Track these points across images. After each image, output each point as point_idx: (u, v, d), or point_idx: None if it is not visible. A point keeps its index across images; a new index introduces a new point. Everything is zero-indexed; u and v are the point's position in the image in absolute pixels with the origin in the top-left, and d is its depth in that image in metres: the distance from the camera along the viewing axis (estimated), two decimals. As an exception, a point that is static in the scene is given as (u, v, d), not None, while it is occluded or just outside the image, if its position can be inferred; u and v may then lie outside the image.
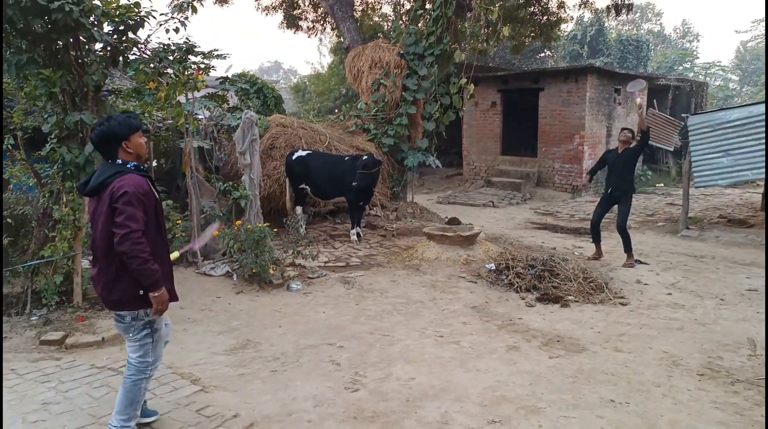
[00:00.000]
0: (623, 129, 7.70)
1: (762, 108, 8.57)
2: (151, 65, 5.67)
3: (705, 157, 8.98)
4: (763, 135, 8.30)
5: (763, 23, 38.60)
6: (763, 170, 8.42)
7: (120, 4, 5.08)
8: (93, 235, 3.05)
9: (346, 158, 8.68)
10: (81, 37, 4.86)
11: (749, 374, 4.13)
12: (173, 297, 3.16)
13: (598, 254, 7.81)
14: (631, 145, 7.46)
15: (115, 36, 5.13)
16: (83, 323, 5.01)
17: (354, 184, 7.91)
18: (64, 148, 4.92)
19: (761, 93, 31.14)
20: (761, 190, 11.37)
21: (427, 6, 10.44)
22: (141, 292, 2.95)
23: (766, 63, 14.63)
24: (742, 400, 3.73)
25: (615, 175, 7.47)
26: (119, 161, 2.99)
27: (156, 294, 2.94)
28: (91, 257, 5.86)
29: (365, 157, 8.19)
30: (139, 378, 3.12)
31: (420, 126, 10.72)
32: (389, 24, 17.61)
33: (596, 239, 7.84)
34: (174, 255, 3.49)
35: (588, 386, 3.94)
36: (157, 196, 3.10)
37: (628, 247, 7.49)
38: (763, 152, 8.29)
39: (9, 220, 5.34)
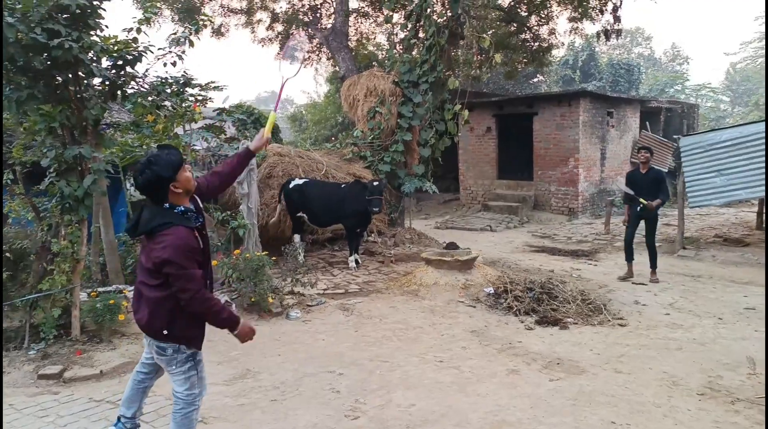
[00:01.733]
0: (641, 149, 7.88)
1: (752, 128, 8.70)
2: (149, 98, 5.77)
3: (698, 177, 9.09)
4: (755, 154, 8.42)
5: (751, 45, 39.36)
6: (756, 189, 8.51)
7: (118, 39, 5.21)
8: (140, 261, 2.99)
9: (343, 186, 8.76)
10: (80, 73, 4.97)
11: (749, 393, 4.12)
12: (199, 345, 3.08)
13: (630, 274, 7.87)
14: (651, 169, 7.64)
15: (114, 71, 5.24)
16: (81, 356, 4.98)
17: (375, 209, 8.13)
18: (63, 182, 4.97)
19: (752, 113, 31.55)
20: (755, 209, 11.45)
21: (420, 35, 10.66)
22: (165, 332, 2.90)
23: (766, 77, 14.86)
24: (743, 419, 3.72)
25: (644, 194, 7.55)
26: (167, 206, 2.86)
27: (237, 330, 2.95)
28: (89, 289, 5.87)
29: (375, 182, 8.34)
30: (190, 411, 3.06)
31: (416, 152, 10.84)
32: (383, 53, 17.93)
33: (629, 258, 7.93)
34: (271, 118, 3.36)
35: (589, 408, 3.92)
36: (202, 244, 2.94)
37: (653, 264, 7.72)
38: (756, 172, 8.39)
39: (8, 254, 5.36)
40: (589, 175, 14.63)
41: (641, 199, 7.52)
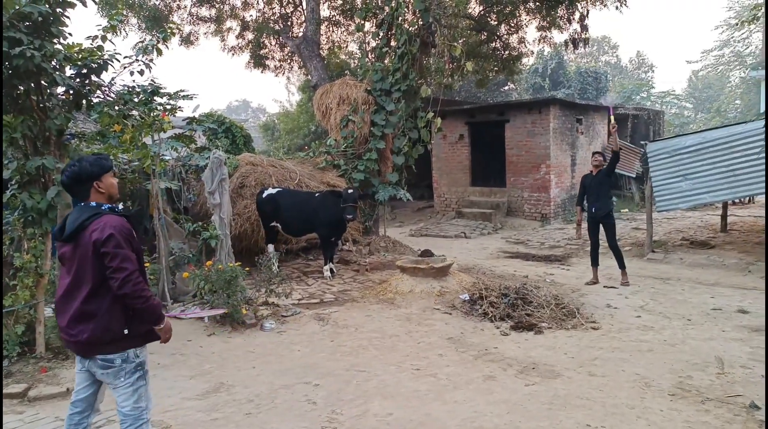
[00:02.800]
0: (594, 153, 8.17)
1: (715, 134, 8.98)
2: (116, 108, 5.64)
3: (665, 182, 9.31)
4: (718, 159, 8.67)
5: (712, 53, 40.72)
6: (720, 193, 8.76)
7: (83, 47, 5.09)
8: (68, 282, 2.89)
9: (317, 195, 8.71)
10: (43, 82, 4.83)
11: (719, 392, 4.21)
12: (158, 336, 3.04)
13: (595, 279, 8.00)
14: (600, 171, 7.86)
15: (78, 79, 5.11)
16: (47, 374, 4.81)
17: (349, 217, 8.08)
18: (25, 194, 4.81)
19: (714, 119, 32.61)
20: (720, 212, 11.79)
21: (392, 43, 10.72)
22: (126, 330, 2.88)
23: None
24: (713, 419, 3.79)
25: (594, 196, 7.83)
26: (93, 204, 2.93)
27: (161, 325, 2.96)
28: (53, 305, 5.68)
29: (350, 190, 8.32)
30: (139, 425, 2.95)
31: (389, 160, 10.85)
32: (356, 61, 17.98)
33: (594, 264, 8.08)
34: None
35: (564, 412, 3.95)
36: (136, 235, 3.03)
37: (621, 265, 7.86)
38: (719, 176, 8.64)
39: (-33, 269, 5.15)
40: (561, 181, 14.87)
41: (611, 118, 7.85)
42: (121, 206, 3.21)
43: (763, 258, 8.60)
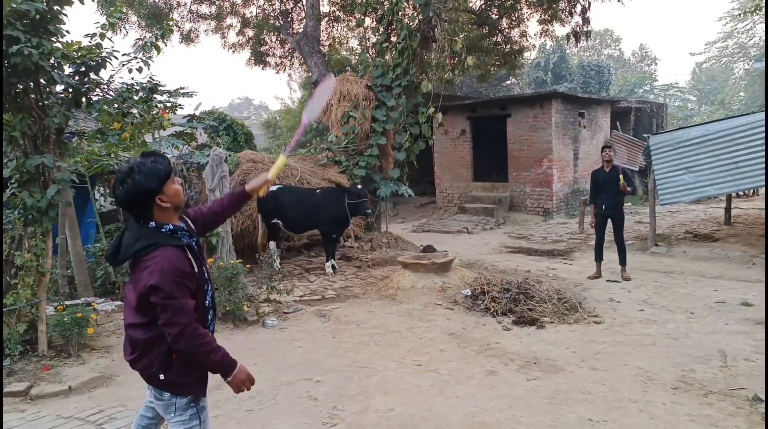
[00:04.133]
0: (604, 147, 8.02)
1: (719, 126, 8.91)
2: (115, 106, 5.64)
3: (668, 175, 9.26)
4: (722, 152, 8.62)
5: (716, 45, 40.49)
6: (723, 186, 8.71)
7: (81, 45, 5.08)
8: (127, 307, 2.52)
9: (318, 191, 8.70)
10: (41, 80, 4.82)
11: (722, 385, 4.18)
12: (203, 392, 2.56)
13: (598, 273, 7.97)
14: (614, 168, 7.76)
15: (77, 77, 5.10)
16: (49, 372, 4.82)
17: (368, 211, 8.46)
18: (25, 193, 4.82)
19: (718, 112, 32.42)
20: (724, 204, 11.72)
21: (393, 39, 10.67)
22: (162, 376, 2.44)
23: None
24: (716, 412, 3.77)
25: (607, 193, 7.75)
26: (152, 224, 2.40)
27: (230, 377, 2.44)
28: (56, 303, 5.70)
29: (359, 186, 8.52)
30: None
31: (391, 156, 10.83)
32: (356, 57, 17.93)
33: (599, 258, 8.05)
34: (280, 161, 2.90)
35: (566, 406, 3.93)
36: (197, 268, 2.46)
37: (623, 260, 7.84)
38: (722, 168, 8.59)
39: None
40: (563, 175, 14.82)
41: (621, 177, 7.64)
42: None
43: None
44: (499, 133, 15.26)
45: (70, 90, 5.11)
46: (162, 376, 2.44)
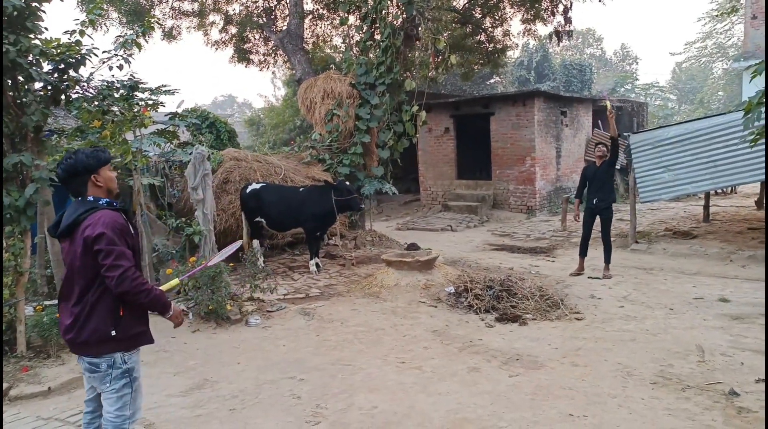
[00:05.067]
0: (598, 144, 8.15)
1: (698, 125, 9.06)
2: (95, 103, 5.56)
3: (648, 173, 9.40)
4: (700, 150, 8.77)
5: (695, 45, 41.12)
6: (702, 184, 8.87)
7: (60, 42, 5.00)
8: (63, 280, 2.85)
9: (302, 189, 8.68)
10: (19, 77, 4.74)
11: (699, 380, 4.27)
12: (150, 339, 2.96)
13: (581, 269, 8.06)
14: (604, 162, 7.86)
15: (56, 75, 5.03)
16: (28, 373, 4.76)
17: (361, 207, 8.64)
18: (3, 191, 4.74)
19: (698, 111, 32.96)
20: (702, 202, 11.93)
21: (376, 37, 10.67)
22: (113, 332, 2.73)
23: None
24: (693, 406, 3.85)
25: (597, 188, 7.82)
26: (90, 198, 2.79)
27: (170, 312, 2.88)
28: (35, 303, 5.62)
29: (347, 182, 8.61)
30: None
31: (375, 154, 10.84)
32: (340, 55, 17.88)
33: (583, 253, 8.12)
34: (173, 283, 3.19)
35: (547, 402, 3.99)
36: (133, 231, 2.89)
37: (608, 259, 7.91)
38: (701, 167, 8.74)
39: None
40: (546, 173, 14.96)
41: (607, 103, 8.01)
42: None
43: (744, 247, 8.73)
44: (483, 131, 15.35)
45: (49, 87, 5.03)
46: (114, 333, 2.74)
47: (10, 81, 4.77)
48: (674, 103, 42.11)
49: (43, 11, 4.85)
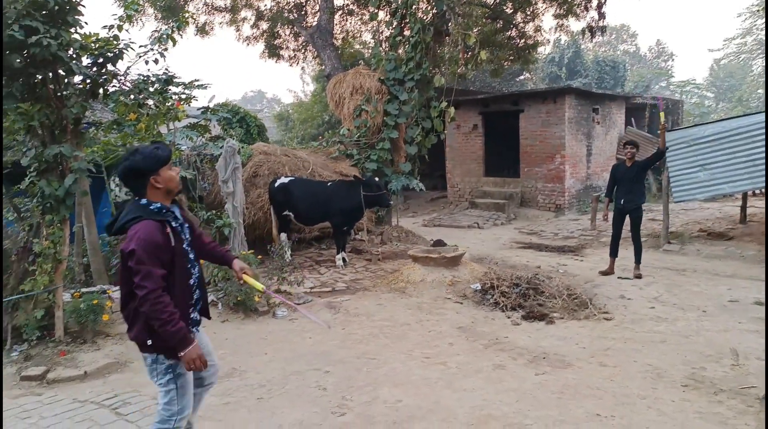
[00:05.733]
0: (626, 144, 7.91)
1: (735, 123, 8.80)
2: (131, 97, 5.71)
3: (682, 172, 9.17)
4: (738, 149, 8.51)
5: (734, 41, 39.86)
6: (739, 184, 8.61)
7: (99, 37, 5.14)
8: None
9: (329, 184, 8.74)
10: (59, 71, 4.90)
11: (732, 384, 4.17)
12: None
13: (611, 270, 7.92)
14: (639, 159, 7.70)
15: (94, 68, 5.18)
16: (65, 357, 4.93)
17: (390, 203, 8.64)
18: (43, 181, 4.91)
19: (736, 109, 31.96)
20: (740, 203, 11.58)
21: (406, 32, 10.65)
22: (149, 341, 2.74)
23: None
24: (725, 410, 3.76)
25: (626, 188, 7.65)
26: (143, 202, 2.75)
27: (183, 353, 2.67)
28: (72, 290, 5.80)
29: (376, 178, 8.68)
30: (162, 428, 2.83)
31: (402, 150, 10.84)
32: (369, 51, 17.91)
33: (613, 254, 7.99)
34: (257, 285, 3.25)
35: (574, 401, 3.95)
36: (174, 242, 2.77)
37: (638, 259, 7.75)
38: (739, 166, 8.49)
39: (-12, 255, 5.28)
40: (576, 171, 14.73)
41: (661, 115, 7.79)
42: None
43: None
44: (512, 128, 15.19)
45: (88, 81, 5.18)
46: (149, 342, 2.74)
47: (50, 74, 4.93)
48: (711, 101, 40.92)
49: (83, 6, 4.98)
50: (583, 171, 15.10)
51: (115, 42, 5.20)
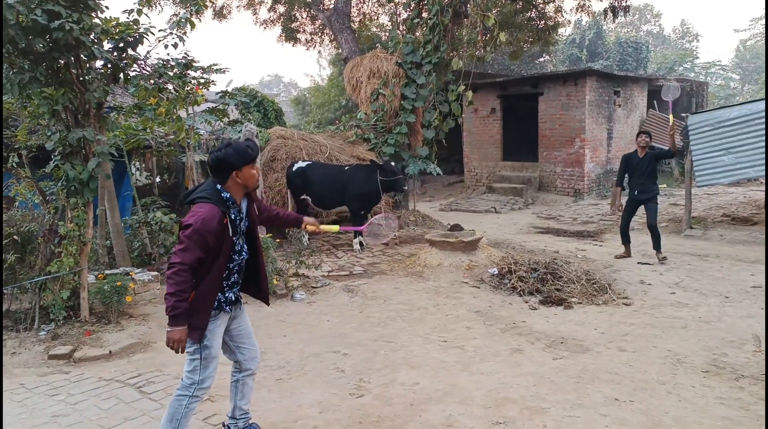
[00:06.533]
0: (641, 133, 7.79)
1: (761, 105, 8.58)
2: (151, 81, 5.75)
3: (706, 155, 8.99)
4: (764, 132, 8.31)
5: (762, 21, 38.66)
6: (765, 167, 8.42)
7: (119, 21, 5.18)
8: None
9: (347, 168, 8.75)
10: (82, 55, 4.95)
11: (754, 370, 4.12)
12: (202, 329, 2.93)
13: (627, 254, 7.90)
14: (653, 150, 7.57)
15: (115, 53, 5.22)
16: (91, 337, 5.05)
17: (404, 188, 8.49)
18: (67, 165, 4.99)
19: (762, 91, 31.09)
20: (764, 187, 11.34)
21: (424, 14, 10.53)
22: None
23: (766, 62, 14.66)
24: (747, 396, 3.73)
25: (639, 178, 7.55)
26: (219, 187, 2.92)
27: (170, 328, 2.78)
28: (96, 272, 5.93)
29: (392, 163, 8.53)
30: (183, 395, 2.96)
31: (420, 134, 10.78)
32: (386, 34, 17.75)
33: (626, 241, 7.96)
34: (333, 227, 3.51)
35: (592, 386, 3.95)
36: (231, 232, 2.92)
37: (657, 245, 7.63)
38: (764, 150, 8.29)
39: (16, 237, 5.40)
40: (596, 155, 14.53)
41: (670, 116, 7.62)
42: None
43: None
44: (530, 111, 15.00)
45: (109, 65, 5.23)
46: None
47: (73, 58, 4.98)
48: (737, 82, 39.87)
49: (104, -11, 5.01)
50: (603, 155, 14.89)
51: (135, 26, 5.23)
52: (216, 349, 3.03)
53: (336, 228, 3.49)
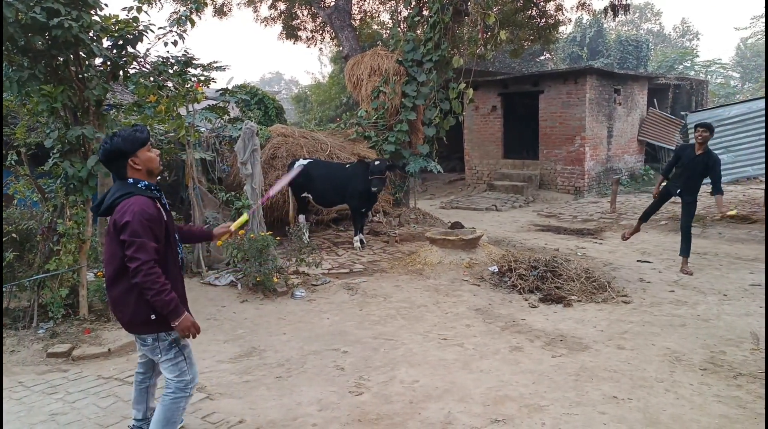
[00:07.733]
0: (698, 126, 6.88)
1: (761, 103, 8.58)
2: (151, 79, 5.74)
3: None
4: (763, 131, 8.31)
5: (763, 19, 38.58)
6: (764, 166, 8.43)
7: (119, 19, 5.17)
8: (105, 259, 2.94)
9: (347, 166, 8.74)
10: (81, 53, 4.94)
11: (752, 368, 4.13)
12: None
13: (637, 229, 7.55)
14: (707, 154, 6.76)
15: (115, 50, 5.22)
16: (89, 335, 5.06)
17: (374, 189, 8.05)
18: (66, 163, 4.99)
19: (763, 89, 31.04)
20: (763, 186, 11.33)
21: (424, 12, 10.50)
22: (153, 316, 2.81)
23: (767, 60, 14.65)
24: (744, 394, 3.73)
25: (687, 177, 6.86)
26: (130, 180, 2.84)
27: (177, 322, 2.78)
28: (95, 270, 5.93)
29: (377, 162, 8.27)
30: (179, 396, 2.97)
31: (420, 132, 10.77)
32: (387, 32, 17.73)
33: (643, 219, 7.44)
34: (242, 219, 3.43)
35: (590, 384, 3.95)
36: (165, 217, 2.90)
37: (686, 250, 7.01)
38: (763, 148, 8.29)
39: (14, 235, 5.41)
40: (596, 153, 14.52)
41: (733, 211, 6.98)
42: (158, 178, 3.13)
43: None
44: (531, 109, 14.99)
45: (109, 63, 5.22)
46: (153, 316, 2.81)
47: (72, 56, 4.97)
48: (737, 81, 39.82)
49: (102, -12, 5.01)
50: (604, 153, 14.88)
51: (134, 24, 5.22)
52: (190, 345, 3.07)
53: (245, 216, 3.45)
